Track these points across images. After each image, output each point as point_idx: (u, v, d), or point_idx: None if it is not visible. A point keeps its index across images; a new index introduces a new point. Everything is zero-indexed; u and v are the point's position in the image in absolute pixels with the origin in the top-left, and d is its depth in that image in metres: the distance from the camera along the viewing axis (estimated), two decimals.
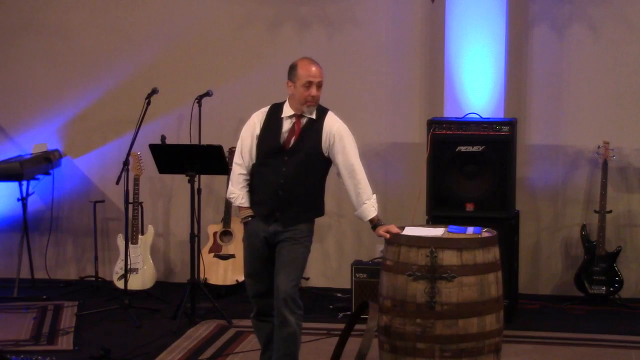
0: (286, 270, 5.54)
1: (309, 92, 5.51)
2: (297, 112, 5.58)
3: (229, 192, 5.74)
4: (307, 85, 5.50)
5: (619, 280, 7.73)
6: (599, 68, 7.98)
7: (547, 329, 7.21)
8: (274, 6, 8.34)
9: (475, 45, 7.59)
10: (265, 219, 5.60)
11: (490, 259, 5.54)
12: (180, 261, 8.61)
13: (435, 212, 7.33)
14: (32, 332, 7.18)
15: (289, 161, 5.55)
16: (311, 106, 5.56)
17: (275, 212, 5.57)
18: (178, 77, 8.37)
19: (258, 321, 5.79)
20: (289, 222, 5.57)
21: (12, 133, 8.77)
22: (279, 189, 5.55)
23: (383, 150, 8.28)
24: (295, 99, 5.55)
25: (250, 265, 5.72)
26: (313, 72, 5.51)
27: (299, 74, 5.51)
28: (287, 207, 5.56)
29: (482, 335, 5.47)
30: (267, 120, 5.62)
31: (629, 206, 8.02)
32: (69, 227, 8.76)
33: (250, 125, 5.67)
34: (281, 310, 5.51)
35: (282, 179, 5.54)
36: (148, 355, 6.57)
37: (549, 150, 8.08)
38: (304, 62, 5.55)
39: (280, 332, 5.56)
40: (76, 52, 8.63)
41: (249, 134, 5.65)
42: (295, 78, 5.52)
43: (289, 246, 5.57)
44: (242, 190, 5.66)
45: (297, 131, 5.58)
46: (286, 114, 5.60)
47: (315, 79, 5.51)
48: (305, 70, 5.51)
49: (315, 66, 5.54)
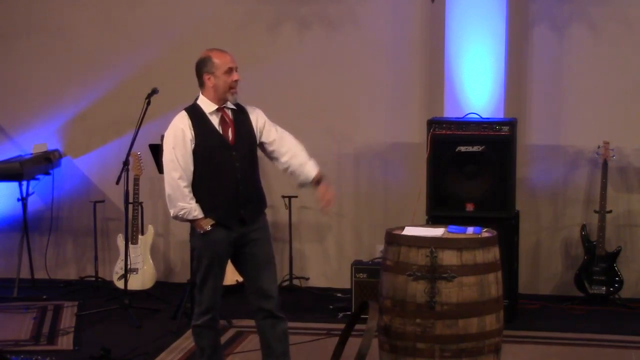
0: (267, 271, 5.52)
1: (231, 77, 5.43)
2: (220, 105, 5.46)
3: (179, 209, 5.35)
4: (228, 71, 5.42)
5: (619, 280, 7.73)
6: (599, 68, 7.98)
7: (547, 329, 7.21)
8: (274, 6, 8.34)
9: (475, 45, 7.59)
10: (228, 221, 5.42)
11: (490, 259, 5.54)
12: (180, 261, 8.61)
13: (435, 212, 7.34)
14: (32, 332, 7.18)
15: (237, 155, 5.43)
16: (235, 93, 5.47)
17: (240, 211, 5.44)
18: (178, 77, 8.33)
19: (209, 327, 5.55)
20: (252, 218, 5.48)
21: (12, 133, 8.77)
22: (239, 185, 5.42)
23: (383, 150, 8.28)
24: (219, 89, 5.42)
25: (214, 278, 5.47)
26: (229, 58, 5.45)
27: (216, 62, 5.42)
28: (248, 202, 5.46)
29: (482, 335, 5.47)
30: (195, 121, 5.42)
31: (629, 206, 8.03)
32: (69, 227, 8.76)
33: (177, 133, 5.37)
34: (273, 312, 5.52)
35: (239, 174, 5.42)
36: (148, 355, 6.58)
37: (549, 150, 8.08)
38: (216, 52, 5.46)
39: (274, 332, 5.55)
40: (76, 52, 8.63)
41: (181, 142, 5.36)
42: (213, 69, 5.41)
43: (260, 246, 5.51)
44: (192, 202, 5.36)
45: (231, 123, 5.48)
46: (210, 110, 5.45)
47: (234, 64, 5.45)
48: (222, 58, 5.43)
49: (228, 53, 5.48)
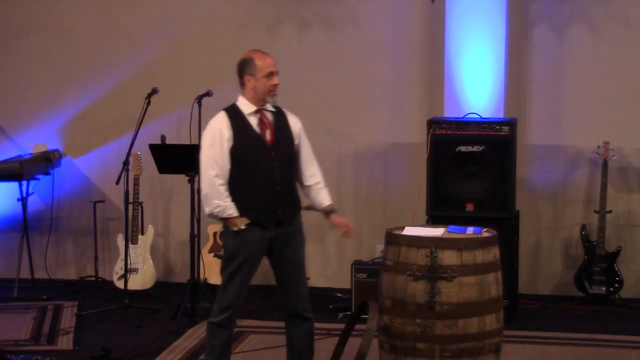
0: (299, 272, 5.63)
1: (271, 81, 5.48)
2: (259, 107, 5.51)
3: (214, 206, 5.42)
4: (269, 75, 5.47)
5: (619, 280, 7.73)
6: (599, 68, 7.98)
7: (547, 329, 7.21)
8: (274, 6, 8.34)
9: (475, 45, 7.59)
10: (264, 221, 5.49)
11: (490, 259, 5.54)
12: (180, 261, 8.61)
13: (435, 212, 7.34)
14: (32, 332, 7.18)
15: (275, 156, 5.50)
16: (274, 96, 5.53)
17: (276, 211, 5.51)
18: (178, 77, 8.36)
19: (224, 326, 5.57)
20: (288, 219, 5.55)
21: (12, 133, 8.77)
22: (276, 185, 5.49)
23: (383, 150, 8.28)
24: (258, 92, 5.48)
25: (241, 278, 5.53)
26: (271, 62, 5.50)
27: (258, 65, 5.47)
28: (285, 203, 5.53)
29: (482, 335, 5.47)
30: (233, 121, 5.48)
31: (629, 206, 8.02)
32: (69, 227, 8.75)
33: (215, 132, 5.44)
34: (300, 311, 5.63)
35: (276, 174, 5.49)
36: (148, 355, 6.58)
37: (549, 150, 8.08)
38: (258, 54, 5.52)
39: (299, 330, 5.66)
40: (76, 52, 8.62)
41: (218, 141, 5.43)
42: (254, 71, 5.46)
43: (295, 247, 5.59)
44: (227, 200, 5.43)
45: (270, 125, 5.53)
46: (248, 111, 5.50)
47: (275, 68, 5.50)
48: (264, 61, 5.48)
49: (270, 56, 5.54)
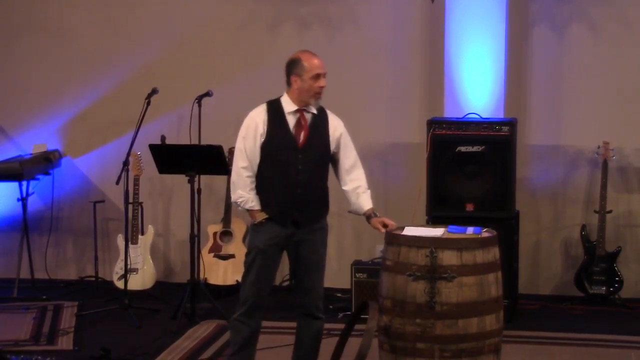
0: (315, 272, 5.62)
1: (318, 83, 5.48)
2: (300, 107, 5.53)
3: (238, 196, 5.52)
4: (315, 77, 5.47)
5: (619, 280, 7.73)
6: (599, 68, 7.98)
7: (547, 329, 7.21)
8: (274, 6, 8.34)
9: (475, 45, 7.59)
10: (282, 219, 5.51)
11: (490, 259, 5.54)
12: (180, 261, 8.61)
13: (435, 212, 7.34)
14: (32, 332, 7.18)
15: (303, 158, 5.50)
16: (319, 98, 5.54)
17: (294, 212, 5.51)
18: (178, 77, 8.36)
19: (242, 322, 5.58)
20: (306, 221, 5.54)
21: (12, 133, 8.77)
22: (297, 187, 5.49)
23: (383, 150, 8.28)
24: (303, 92, 5.49)
25: (256, 273, 5.53)
26: (319, 63, 5.51)
27: (306, 66, 5.47)
28: (305, 206, 5.52)
29: (482, 335, 5.47)
30: (271, 117, 5.51)
31: (629, 206, 8.02)
32: (69, 227, 8.75)
33: (251, 125, 5.52)
34: (312, 310, 5.64)
35: (300, 176, 5.49)
36: (148, 355, 6.58)
37: (549, 150, 8.08)
38: (307, 55, 5.53)
39: (308, 329, 5.68)
40: (76, 52, 8.62)
41: (252, 134, 5.50)
42: (301, 71, 5.47)
43: (312, 247, 5.58)
44: (250, 193, 5.50)
45: (306, 127, 5.54)
46: (289, 110, 5.52)
47: (323, 70, 5.51)
48: (311, 62, 5.49)
49: (318, 58, 5.54)
